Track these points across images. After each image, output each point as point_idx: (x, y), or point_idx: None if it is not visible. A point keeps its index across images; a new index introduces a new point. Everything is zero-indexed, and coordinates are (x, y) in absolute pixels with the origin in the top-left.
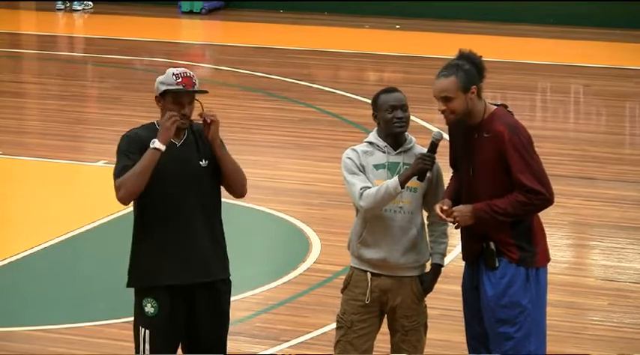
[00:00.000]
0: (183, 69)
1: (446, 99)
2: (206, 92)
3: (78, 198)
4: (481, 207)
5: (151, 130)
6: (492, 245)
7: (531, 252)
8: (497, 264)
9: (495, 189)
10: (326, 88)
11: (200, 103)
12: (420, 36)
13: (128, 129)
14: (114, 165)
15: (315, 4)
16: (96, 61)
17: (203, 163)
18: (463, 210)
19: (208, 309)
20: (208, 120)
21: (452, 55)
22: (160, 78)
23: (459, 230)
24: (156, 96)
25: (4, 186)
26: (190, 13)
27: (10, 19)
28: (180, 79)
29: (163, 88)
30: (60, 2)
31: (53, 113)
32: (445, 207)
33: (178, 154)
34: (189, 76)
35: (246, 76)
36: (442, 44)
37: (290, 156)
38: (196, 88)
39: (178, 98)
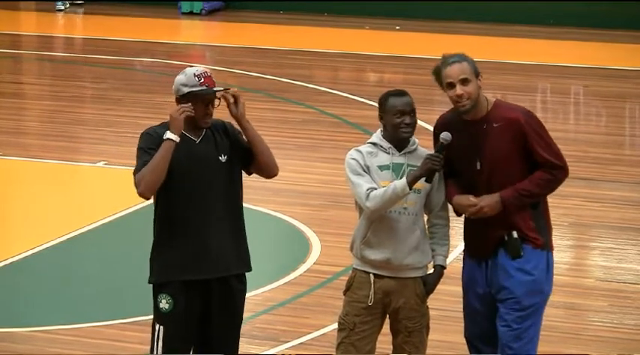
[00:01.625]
0: (202, 69)
1: (464, 82)
2: (228, 89)
3: (78, 199)
4: (509, 194)
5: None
6: (515, 233)
7: (548, 234)
8: (522, 253)
9: (511, 176)
10: (326, 88)
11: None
12: (419, 37)
13: (140, 130)
14: (136, 158)
15: (314, 5)
16: (95, 62)
17: (222, 158)
18: (489, 200)
19: (222, 307)
20: (232, 100)
21: None
22: (181, 79)
23: (460, 231)
24: (177, 98)
25: (3, 187)
26: (190, 13)
27: (10, 19)
28: (202, 80)
29: (187, 89)
30: (60, 3)
31: (52, 114)
32: (473, 199)
33: (197, 151)
34: (210, 76)
35: (245, 76)
36: (442, 45)
37: (290, 157)
38: (219, 87)
39: (204, 97)
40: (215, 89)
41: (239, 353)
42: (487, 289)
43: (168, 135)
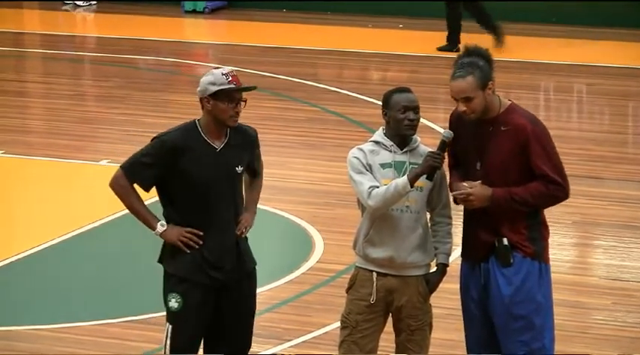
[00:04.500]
0: (228, 68)
1: (466, 100)
2: (255, 88)
3: (81, 197)
4: (501, 194)
5: (190, 133)
6: (505, 240)
7: (542, 246)
8: (511, 261)
9: (508, 182)
10: (331, 87)
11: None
12: (423, 35)
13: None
14: (135, 152)
15: (318, 4)
16: (99, 60)
17: (239, 169)
18: (481, 191)
19: (235, 305)
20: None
21: (456, 54)
22: (208, 79)
23: (460, 229)
24: (202, 98)
25: (7, 186)
26: (193, 12)
27: (14, 18)
28: (230, 78)
29: (215, 88)
30: (69, 3)
31: (57, 112)
32: (465, 185)
33: (218, 160)
34: (236, 75)
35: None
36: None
37: (294, 156)
38: (245, 86)
39: (232, 96)
40: (244, 87)
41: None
42: (482, 294)
43: (158, 229)
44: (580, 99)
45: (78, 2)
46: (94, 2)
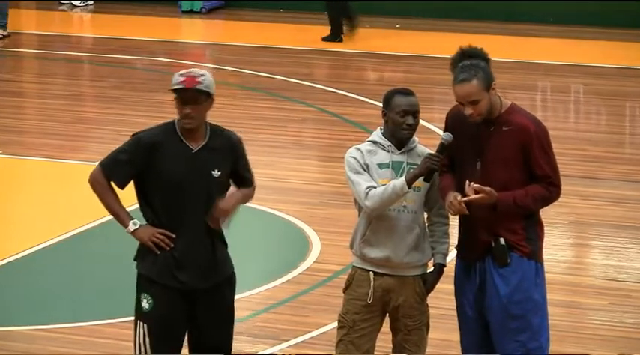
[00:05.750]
0: (192, 69)
1: (473, 103)
2: (212, 94)
3: (78, 198)
4: (504, 201)
5: (167, 132)
6: (502, 240)
7: (538, 245)
8: (508, 261)
9: (507, 182)
10: (326, 87)
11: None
12: (419, 35)
13: (140, 128)
14: (114, 149)
15: (314, 4)
16: (96, 61)
17: (215, 173)
18: (489, 195)
19: (211, 310)
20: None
21: (452, 53)
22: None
23: (456, 228)
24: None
25: (4, 186)
26: (190, 12)
27: (11, 18)
28: (183, 78)
29: (170, 87)
30: (67, 3)
31: (53, 112)
32: (460, 198)
33: (193, 161)
34: (193, 76)
35: (246, 75)
36: (442, 43)
37: (289, 156)
38: (201, 87)
39: (179, 96)
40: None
41: (241, 352)
42: (477, 294)
43: (130, 228)
44: (576, 100)
45: (75, 2)
46: (91, 2)
